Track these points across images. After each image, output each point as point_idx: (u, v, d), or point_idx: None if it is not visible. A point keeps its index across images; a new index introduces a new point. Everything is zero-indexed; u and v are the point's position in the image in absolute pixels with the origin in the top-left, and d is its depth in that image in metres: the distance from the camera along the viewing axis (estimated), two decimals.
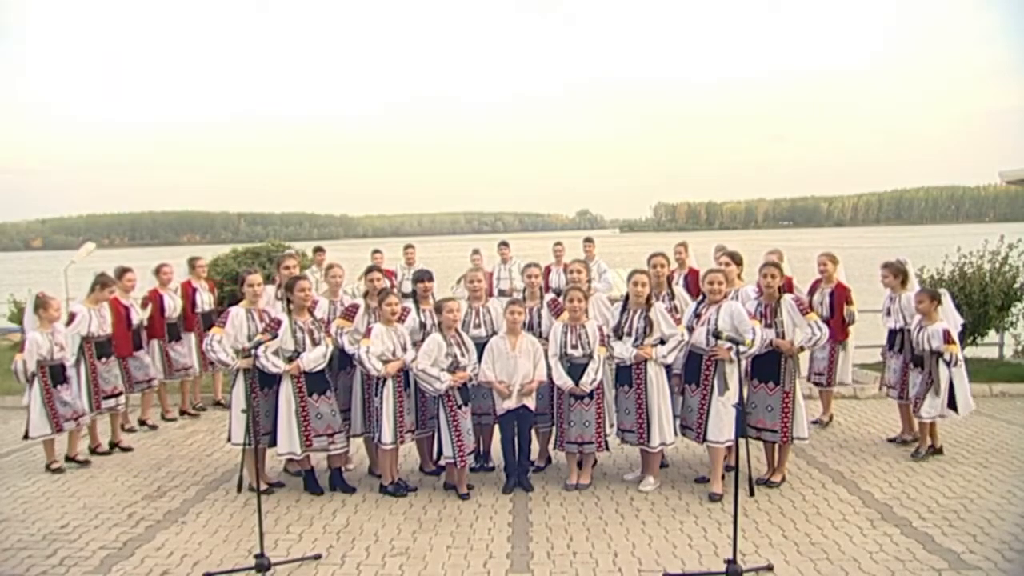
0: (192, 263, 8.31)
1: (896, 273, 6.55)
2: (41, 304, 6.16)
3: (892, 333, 6.63)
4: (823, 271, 7.01)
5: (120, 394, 6.96)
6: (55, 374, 6.19)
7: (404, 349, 5.46)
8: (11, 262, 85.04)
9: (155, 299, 7.72)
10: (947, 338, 5.90)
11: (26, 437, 6.18)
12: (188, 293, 8.06)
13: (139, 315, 7.39)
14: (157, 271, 7.89)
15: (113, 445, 6.95)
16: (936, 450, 6.24)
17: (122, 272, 7.37)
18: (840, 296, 6.90)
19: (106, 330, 6.82)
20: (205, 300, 8.18)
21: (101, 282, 6.85)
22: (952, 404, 5.95)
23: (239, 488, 5.72)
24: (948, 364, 5.91)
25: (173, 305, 7.85)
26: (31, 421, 6.13)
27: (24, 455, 6.86)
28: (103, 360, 6.80)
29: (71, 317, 6.62)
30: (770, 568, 4.26)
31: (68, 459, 6.44)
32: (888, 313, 6.63)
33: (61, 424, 6.19)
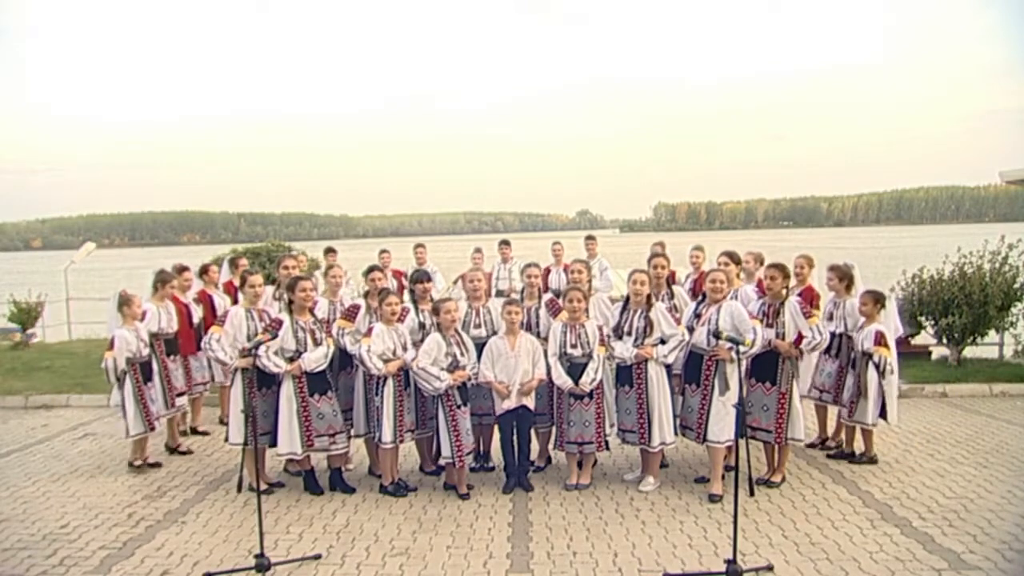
0: (234, 263, 8.24)
1: (842, 277, 6.41)
2: (125, 302, 6.13)
3: (832, 336, 6.48)
4: (799, 273, 6.89)
5: (185, 393, 6.95)
6: (145, 371, 6.18)
7: (404, 348, 5.46)
8: (11, 262, 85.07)
9: (205, 300, 7.60)
10: (879, 340, 5.81)
11: (127, 436, 6.13)
12: (231, 293, 7.99)
13: (198, 314, 7.33)
14: (204, 271, 7.78)
15: (173, 449, 6.86)
16: (870, 458, 6.11)
17: (180, 270, 7.31)
18: (807, 300, 6.79)
19: (173, 327, 6.78)
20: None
21: (162, 279, 6.80)
22: (883, 413, 5.88)
23: (239, 488, 5.72)
24: (877, 368, 5.82)
25: (223, 305, 7.71)
26: (129, 420, 6.05)
27: (24, 455, 6.87)
28: (172, 358, 6.77)
29: (142, 315, 6.52)
30: (770, 568, 4.26)
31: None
32: (831, 318, 6.49)
33: (153, 423, 6.16)
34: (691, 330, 5.51)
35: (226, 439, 5.82)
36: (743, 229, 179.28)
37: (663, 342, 5.45)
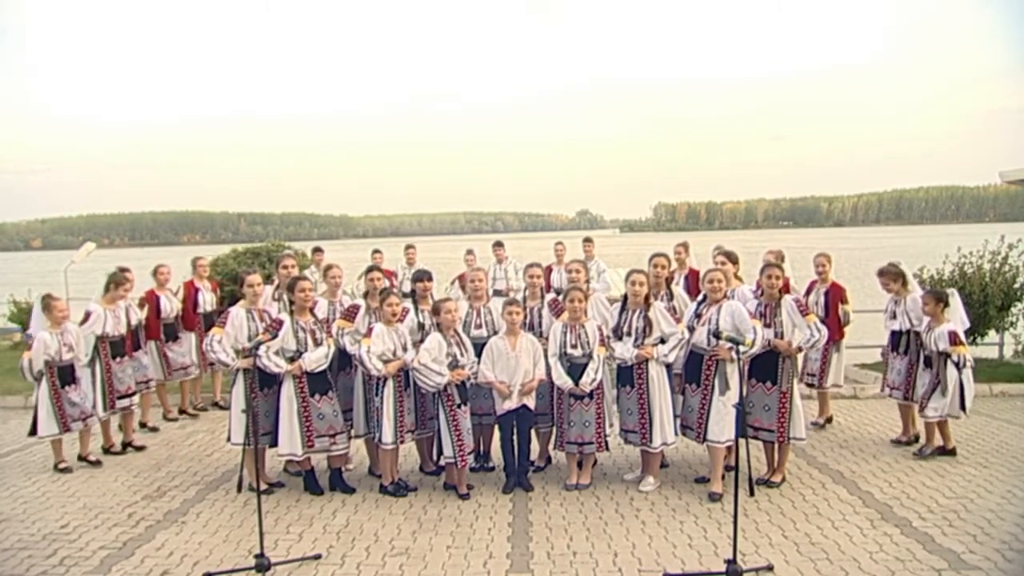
0: (194, 263, 8.34)
1: (895, 278, 6.51)
2: (46, 306, 6.18)
3: (896, 334, 6.59)
4: (821, 272, 6.97)
5: (133, 394, 6.97)
6: (64, 374, 6.20)
7: (404, 349, 5.46)
8: (11, 262, 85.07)
9: (151, 300, 7.72)
10: (953, 339, 5.87)
11: (32, 434, 6.19)
12: (191, 293, 8.07)
13: (138, 316, 7.38)
14: (155, 272, 7.90)
15: (126, 445, 6.95)
16: (948, 451, 6.19)
17: (121, 272, 7.32)
18: (835, 296, 6.87)
19: (120, 330, 6.82)
20: (207, 300, 8.19)
21: (115, 281, 6.85)
22: (963, 405, 5.95)
23: (239, 488, 5.72)
24: (957, 366, 5.89)
25: (169, 306, 7.85)
26: (39, 420, 6.13)
27: (24, 455, 6.87)
28: (117, 360, 6.79)
29: (86, 316, 6.60)
30: (770, 568, 4.26)
31: (80, 459, 6.45)
32: (893, 316, 6.57)
33: (69, 424, 6.19)
34: (691, 330, 5.51)
35: (227, 439, 5.81)
36: (743, 229, 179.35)
37: (663, 341, 5.45)
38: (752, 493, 5.37)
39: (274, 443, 5.56)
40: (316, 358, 5.44)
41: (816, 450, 6.52)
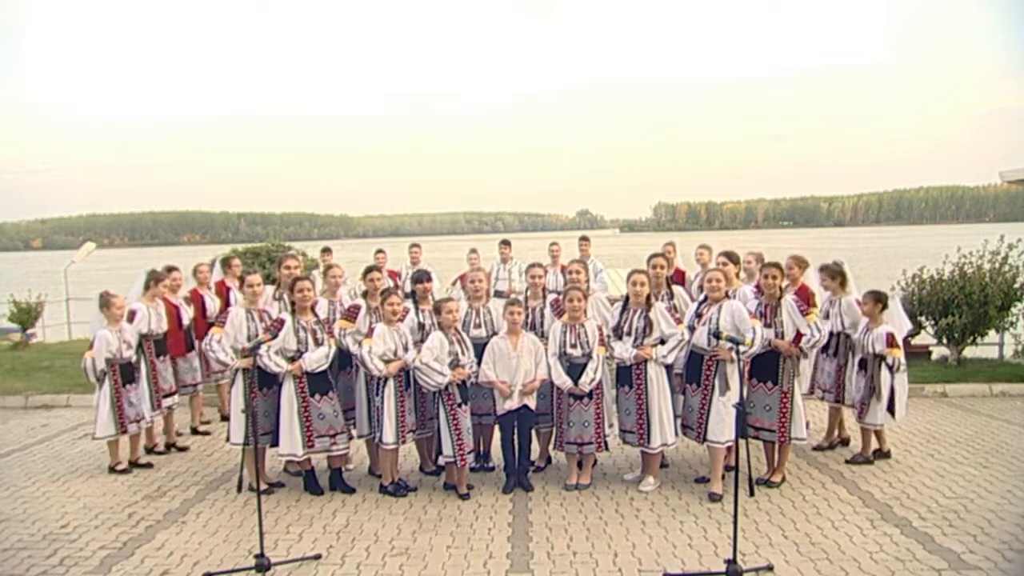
0: (227, 263, 8.22)
1: (833, 276, 6.41)
2: (105, 303, 6.12)
3: (829, 335, 6.44)
4: (789, 274, 6.86)
5: (175, 393, 6.93)
6: (125, 373, 6.16)
7: (405, 349, 5.46)
8: (11, 262, 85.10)
9: (197, 300, 7.60)
10: (890, 342, 5.86)
11: (94, 437, 6.16)
12: (223, 293, 8.00)
13: (189, 314, 7.31)
14: (194, 271, 7.78)
15: (169, 446, 6.91)
16: (884, 453, 6.18)
17: (169, 270, 7.24)
18: (803, 300, 6.75)
19: (163, 328, 6.76)
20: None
21: (154, 278, 6.77)
22: (890, 408, 5.91)
23: (239, 488, 5.72)
24: (891, 369, 5.87)
25: (214, 306, 7.71)
26: (99, 421, 6.07)
27: (24, 455, 6.87)
28: (160, 358, 6.74)
29: (131, 314, 6.50)
30: (770, 568, 4.26)
31: (131, 463, 6.39)
32: (827, 316, 6.46)
33: (127, 426, 6.15)
34: (692, 330, 5.51)
35: (227, 439, 5.81)
36: (743, 229, 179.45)
37: (663, 342, 5.45)
38: (752, 493, 5.37)
39: (274, 443, 5.56)
40: (316, 358, 5.44)
41: (816, 450, 6.51)
